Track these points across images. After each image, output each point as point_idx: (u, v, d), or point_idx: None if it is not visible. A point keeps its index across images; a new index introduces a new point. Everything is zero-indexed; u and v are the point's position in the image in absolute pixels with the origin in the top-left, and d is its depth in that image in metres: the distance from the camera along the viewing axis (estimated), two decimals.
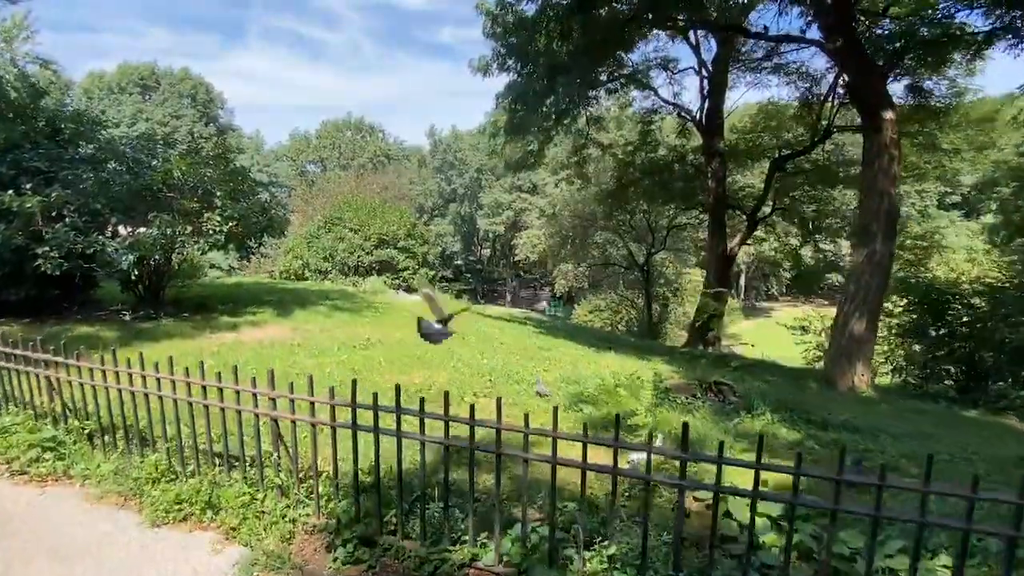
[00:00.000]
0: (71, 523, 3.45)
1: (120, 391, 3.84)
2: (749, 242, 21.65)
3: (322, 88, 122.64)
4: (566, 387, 6.04)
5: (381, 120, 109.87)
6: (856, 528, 2.96)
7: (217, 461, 3.70)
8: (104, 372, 3.86)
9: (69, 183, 8.57)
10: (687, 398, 5.72)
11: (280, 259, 25.81)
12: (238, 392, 3.36)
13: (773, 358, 23.65)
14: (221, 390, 3.42)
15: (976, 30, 10.67)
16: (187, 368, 3.57)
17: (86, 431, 4.20)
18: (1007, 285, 12.12)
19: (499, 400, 2.76)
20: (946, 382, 12.81)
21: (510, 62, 13.36)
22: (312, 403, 3.16)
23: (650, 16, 11.38)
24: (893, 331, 13.64)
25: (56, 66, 30.05)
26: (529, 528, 2.86)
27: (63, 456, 4.09)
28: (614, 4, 11.21)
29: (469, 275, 59.71)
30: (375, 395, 3.00)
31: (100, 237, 8.60)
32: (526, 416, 2.68)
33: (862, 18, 13.13)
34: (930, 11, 11.10)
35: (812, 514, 3.15)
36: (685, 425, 2.37)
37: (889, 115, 9.30)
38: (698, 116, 19.15)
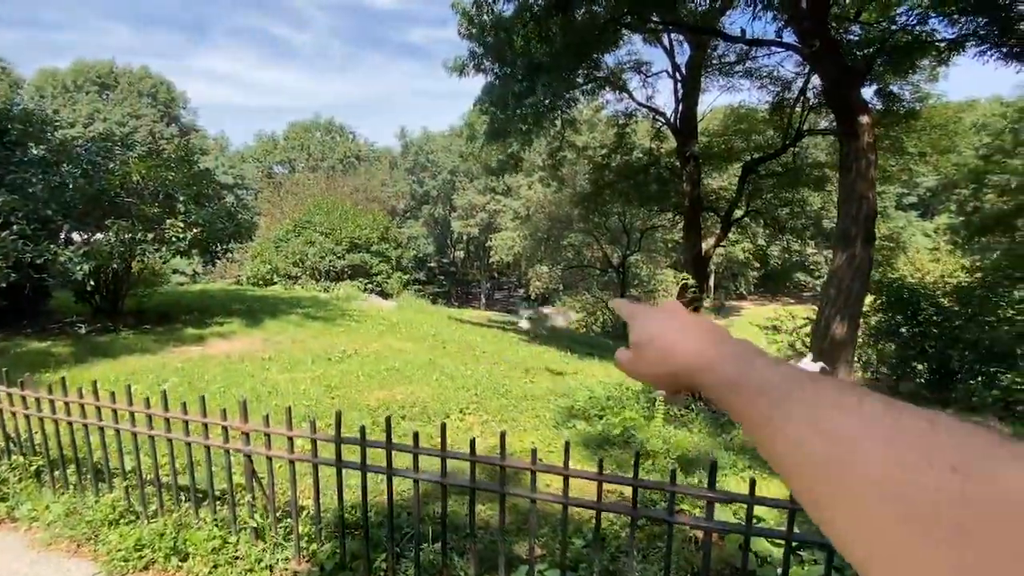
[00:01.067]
0: (14, 575, 3.06)
1: (71, 424, 3.45)
2: (722, 243, 21.88)
3: (290, 89, 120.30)
4: (555, 400, 5.81)
5: (351, 121, 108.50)
6: None
7: (183, 497, 3.35)
8: (52, 403, 3.46)
9: (16, 187, 7.97)
10: (680, 410, 5.56)
11: (247, 264, 25.01)
12: (206, 425, 3.03)
13: None
14: (187, 423, 3.08)
15: (945, 37, 10.91)
16: (148, 398, 3.21)
17: (33, 467, 3.77)
18: (974, 284, 12.44)
19: (503, 435, 2.51)
20: (917, 380, 13.10)
21: (487, 63, 13.10)
22: (291, 438, 2.85)
23: (629, 18, 11.28)
24: (865, 331, 13.88)
25: (4, 63, 28.51)
26: (536, 570, 2.62)
27: (6, 496, 3.66)
28: (593, 6, 11.07)
29: (443, 277, 59.13)
30: (362, 429, 2.72)
31: (52, 245, 8.02)
32: (533, 452, 2.44)
33: (833, 24, 13.35)
34: (903, 17, 11.33)
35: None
36: (713, 464, 2.16)
37: (865, 119, 9.39)
38: (672, 119, 19.26)
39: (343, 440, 2.74)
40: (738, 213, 19.61)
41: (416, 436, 2.61)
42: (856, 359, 14.76)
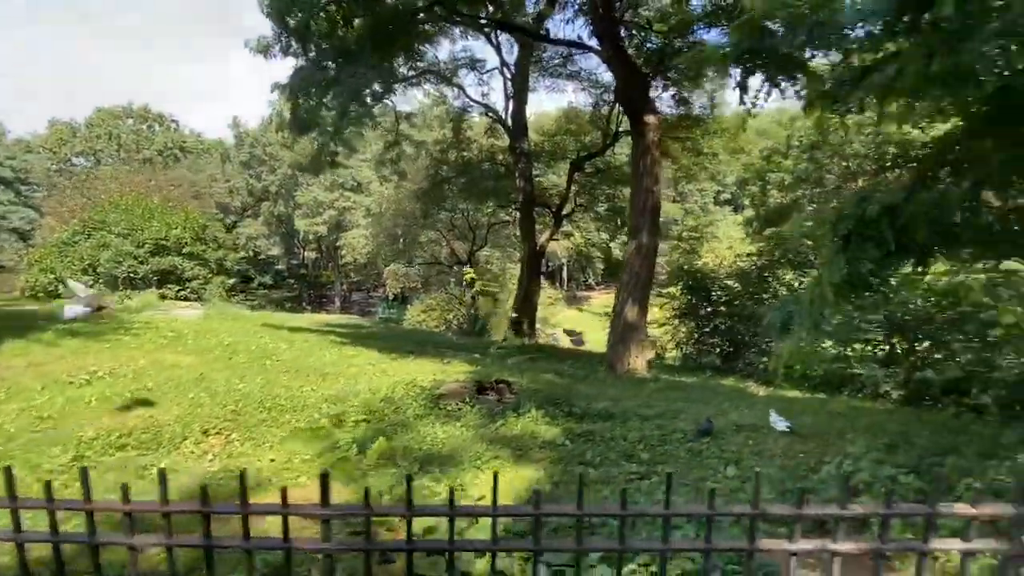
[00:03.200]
0: None
1: None
2: (557, 237, 22.94)
3: (102, 71, 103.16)
4: (327, 408, 5.37)
5: (176, 110, 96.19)
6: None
7: None
8: None
9: None
10: (457, 404, 5.45)
11: (24, 273, 20.89)
12: None
13: (590, 343, 25.45)
14: None
15: (721, 48, 12.34)
16: None
17: None
18: (752, 268, 14.33)
19: (162, 473, 2.02)
20: (715, 351, 14.83)
21: (293, 45, 12.10)
22: None
23: (437, 10, 11.11)
24: (673, 312, 15.41)
25: None
26: None
27: None
28: None
29: (293, 280, 55.00)
30: None
31: None
32: (242, 484, 1.99)
33: (634, 31, 14.49)
34: (684, 28, 12.59)
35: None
36: (408, 479, 1.90)
37: (652, 119, 10.23)
38: (504, 116, 19.73)
39: None
40: (568, 208, 20.71)
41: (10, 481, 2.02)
42: (670, 338, 16.38)
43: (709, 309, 14.20)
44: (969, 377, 6.88)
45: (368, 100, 12.01)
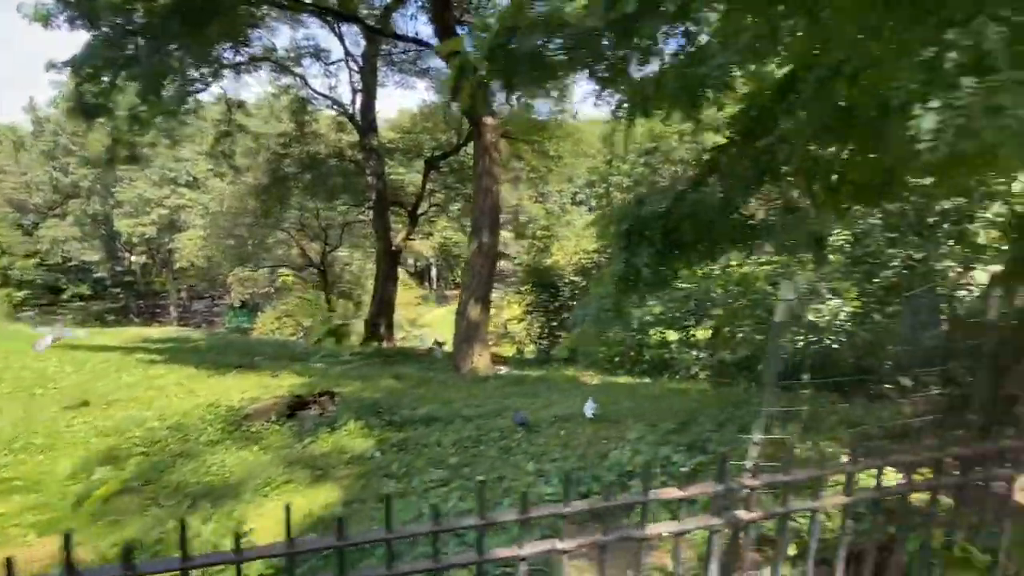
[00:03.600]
0: None
1: None
2: (415, 236, 22.60)
3: None
4: (97, 443, 4.59)
5: None
6: None
7: None
8: None
9: None
10: (264, 424, 4.98)
11: None
12: None
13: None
14: None
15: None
16: None
17: None
18: (592, 265, 15.31)
19: None
20: (563, 344, 15.59)
21: (79, 17, 10.33)
22: None
23: None
24: (526, 309, 15.94)
25: None
26: None
27: None
28: None
29: (118, 290, 47.76)
30: None
31: None
32: None
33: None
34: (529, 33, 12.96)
35: None
36: (67, 538, 1.49)
37: (489, 121, 10.35)
38: (353, 111, 18.88)
39: None
40: (425, 207, 20.45)
41: None
42: (526, 334, 16.88)
43: (557, 304, 14.89)
44: (756, 355, 7.93)
45: (189, 86, 10.69)
